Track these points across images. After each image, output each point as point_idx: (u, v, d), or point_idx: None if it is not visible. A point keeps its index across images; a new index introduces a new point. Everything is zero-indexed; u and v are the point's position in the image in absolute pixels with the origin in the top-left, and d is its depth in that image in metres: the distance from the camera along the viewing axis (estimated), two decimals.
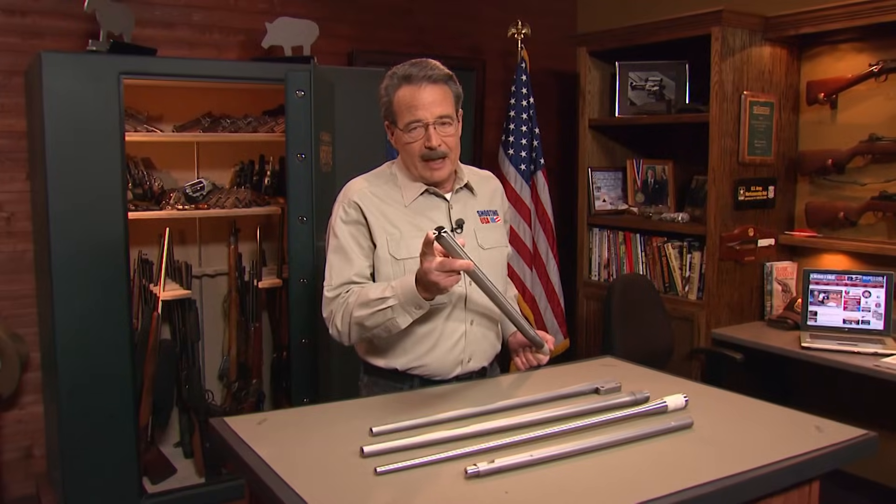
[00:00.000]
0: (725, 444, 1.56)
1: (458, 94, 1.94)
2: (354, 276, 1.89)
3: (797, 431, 1.63)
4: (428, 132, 1.86)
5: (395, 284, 1.78)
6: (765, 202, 3.52)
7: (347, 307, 1.85)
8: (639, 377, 2.02)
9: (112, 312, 2.83)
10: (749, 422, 1.69)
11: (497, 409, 1.71)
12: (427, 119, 1.86)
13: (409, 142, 1.89)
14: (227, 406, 3.54)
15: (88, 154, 2.76)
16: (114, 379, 2.86)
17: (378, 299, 1.78)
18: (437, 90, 1.87)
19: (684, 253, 3.56)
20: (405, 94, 1.87)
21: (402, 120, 1.88)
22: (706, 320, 3.40)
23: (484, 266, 1.95)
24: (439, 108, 1.87)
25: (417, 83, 1.86)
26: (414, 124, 1.87)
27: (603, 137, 4.08)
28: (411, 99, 1.86)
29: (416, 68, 1.88)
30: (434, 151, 1.88)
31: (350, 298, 1.85)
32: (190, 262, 3.47)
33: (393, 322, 1.79)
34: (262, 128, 3.46)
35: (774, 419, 1.71)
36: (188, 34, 3.51)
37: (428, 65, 1.89)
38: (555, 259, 4.01)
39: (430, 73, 1.87)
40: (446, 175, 1.94)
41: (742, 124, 3.38)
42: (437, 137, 1.87)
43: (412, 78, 1.86)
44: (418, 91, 1.86)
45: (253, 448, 1.53)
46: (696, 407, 1.73)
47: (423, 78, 1.86)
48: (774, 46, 3.46)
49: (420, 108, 1.86)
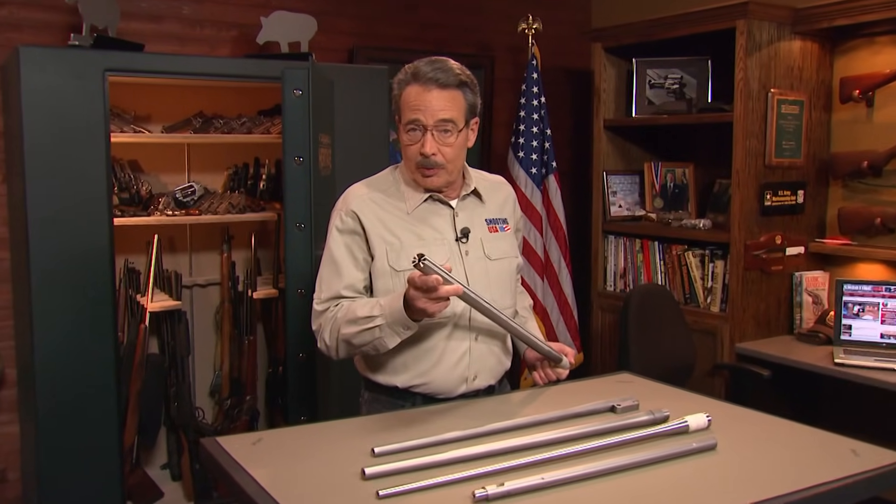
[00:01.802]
0: (752, 467, 1.55)
1: (473, 103, 1.93)
2: (343, 289, 1.91)
3: (830, 455, 1.62)
4: (425, 137, 1.86)
5: (383, 303, 1.78)
6: (794, 207, 3.51)
7: (335, 322, 1.87)
8: (657, 394, 2.02)
9: (96, 325, 2.83)
10: (777, 444, 1.68)
11: (506, 429, 1.71)
12: (426, 122, 1.85)
13: (405, 143, 1.91)
14: (219, 425, 3.54)
15: (71, 156, 2.77)
16: (97, 396, 2.85)
17: (366, 317, 1.79)
18: (444, 95, 1.86)
19: (706, 262, 3.55)
20: (411, 92, 1.87)
21: (404, 118, 1.89)
22: (730, 334, 3.39)
23: (491, 278, 1.97)
24: (442, 112, 1.86)
25: (425, 84, 1.86)
26: (412, 125, 1.87)
27: (619, 139, 4.08)
28: (415, 98, 1.86)
29: (429, 67, 1.87)
30: (427, 159, 1.87)
31: (339, 314, 1.87)
32: (180, 271, 3.47)
33: (381, 342, 1.80)
34: (256, 129, 3.47)
35: (805, 441, 1.70)
36: (178, 28, 3.53)
37: (444, 66, 1.87)
38: (567, 268, 4.00)
39: (441, 76, 1.86)
40: (440, 184, 1.93)
41: (769, 124, 3.38)
42: (433, 144, 1.86)
43: (421, 77, 1.86)
44: (424, 92, 1.86)
45: (247, 470, 1.53)
46: (719, 427, 1.72)
47: (433, 80, 1.85)
48: (805, 40, 3.46)
49: (421, 110, 1.85)
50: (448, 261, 1.91)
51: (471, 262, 1.96)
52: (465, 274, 1.94)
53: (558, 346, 2.07)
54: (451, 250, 1.95)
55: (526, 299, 2.27)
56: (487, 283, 1.97)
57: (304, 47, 3.41)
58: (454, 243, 1.96)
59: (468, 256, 1.96)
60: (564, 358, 2.05)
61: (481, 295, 1.92)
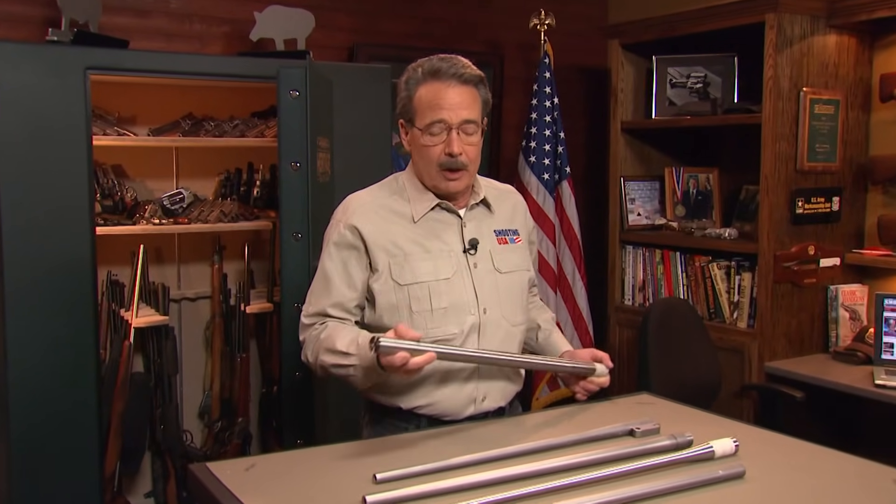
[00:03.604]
0: (783, 497, 1.54)
1: (487, 100, 1.97)
2: (330, 307, 1.94)
3: (870, 485, 1.61)
4: (450, 136, 1.89)
5: (361, 342, 1.79)
6: (828, 216, 3.50)
7: (318, 343, 1.91)
8: (680, 417, 2.01)
9: (75, 342, 2.83)
10: (811, 472, 1.67)
11: (518, 454, 1.71)
12: (451, 121, 1.88)
13: (427, 144, 1.91)
14: (209, 449, 3.53)
15: (49, 160, 2.77)
16: (76, 419, 2.84)
17: (342, 353, 1.83)
18: (465, 91, 1.90)
19: (732, 274, 3.55)
20: (430, 90, 1.89)
21: (423, 119, 1.90)
22: (759, 352, 3.38)
23: (501, 292, 1.98)
24: (466, 111, 1.89)
25: (446, 80, 1.88)
26: (436, 125, 1.89)
27: (637, 142, 4.09)
28: (436, 97, 1.88)
29: (445, 63, 1.90)
30: (454, 160, 1.90)
31: (322, 334, 1.90)
32: (167, 283, 3.47)
33: (354, 380, 1.85)
34: (250, 132, 3.48)
35: (842, 470, 1.69)
36: (165, 23, 3.54)
37: (459, 62, 1.91)
38: (582, 281, 4.00)
39: (460, 71, 1.89)
40: (463, 187, 1.96)
41: (801, 126, 3.37)
42: (459, 144, 1.89)
43: (440, 73, 1.89)
44: (445, 89, 1.88)
45: (239, 498, 1.52)
46: (748, 453, 1.72)
47: (453, 76, 1.88)
48: (841, 34, 3.45)
49: (445, 108, 1.88)
50: (456, 272, 1.93)
51: (480, 276, 1.97)
52: (474, 288, 1.95)
53: (588, 354, 2.07)
54: (459, 262, 1.96)
55: (546, 312, 2.28)
56: (498, 297, 1.97)
57: (301, 45, 3.42)
58: (462, 255, 1.97)
59: (477, 269, 1.97)
60: (598, 366, 2.04)
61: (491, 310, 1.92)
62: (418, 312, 1.91)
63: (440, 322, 1.91)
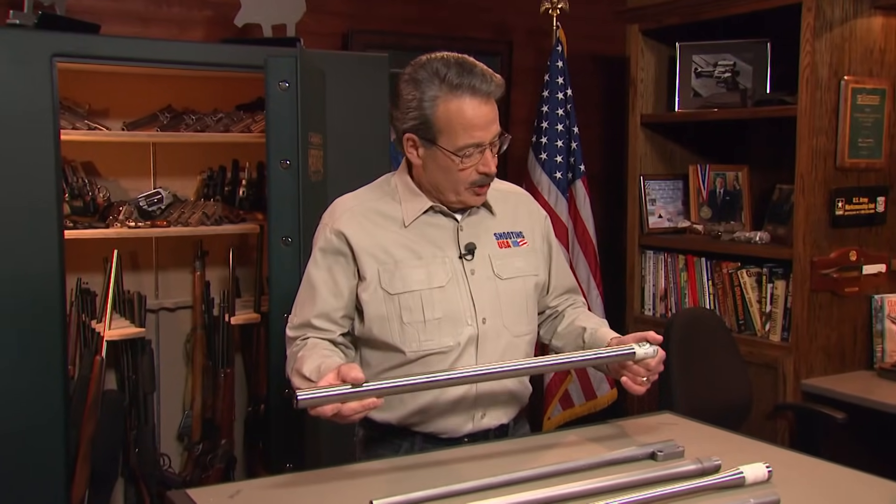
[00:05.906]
0: None
1: None
2: (314, 318, 1.96)
3: None
4: (485, 156, 1.91)
5: (323, 369, 1.77)
6: (872, 218, 3.49)
7: (294, 362, 1.91)
8: (707, 439, 2.01)
9: (41, 357, 2.82)
10: (853, 501, 1.66)
11: (527, 479, 1.70)
12: (486, 140, 1.90)
13: (460, 168, 1.90)
14: (189, 474, 3.53)
15: (11, 157, 2.76)
16: (41, 442, 2.84)
17: (307, 379, 1.83)
18: (492, 102, 1.91)
19: (764, 282, 3.55)
20: (457, 108, 1.86)
21: (453, 141, 1.87)
22: (794, 368, 3.37)
23: (502, 300, 1.99)
24: (495, 124, 1.93)
25: (473, 96, 1.86)
26: (472, 149, 1.88)
27: (659, 138, 4.09)
28: (467, 117, 1.86)
29: (468, 75, 1.86)
30: (488, 177, 1.93)
31: (299, 353, 1.91)
32: (143, 292, 3.48)
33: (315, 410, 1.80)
34: (235, 126, 3.49)
35: (887, 499, 1.68)
36: (140, 6, 3.55)
37: (481, 71, 1.88)
38: (598, 289, 4.02)
39: (488, 88, 1.88)
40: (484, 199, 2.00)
41: (841, 118, 3.37)
42: (495, 160, 1.92)
43: (466, 88, 1.85)
44: (477, 107, 1.87)
45: None
46: (782, 480, 1.71)
47: (485, 93, 1.88)
48: (888, 16, 3.44)
49: (480, 129, 1.88)
50: (451, 279, 1.93)
51: (477, 283, 1.97)
52: (471, 296, 1.95)
53: (632, 337, 1.91)
54: (454, 269, 1.96)
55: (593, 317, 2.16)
56: (498, 306, 1.98)
57: (291, 31, 3.43)
58: (457, 261, 1.97)
59: (474, 276, 1.97)
60: (638, 349, 1.87)
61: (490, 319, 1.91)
62: (410, 324, 1.91)
63: (434, 334, 1.92)
